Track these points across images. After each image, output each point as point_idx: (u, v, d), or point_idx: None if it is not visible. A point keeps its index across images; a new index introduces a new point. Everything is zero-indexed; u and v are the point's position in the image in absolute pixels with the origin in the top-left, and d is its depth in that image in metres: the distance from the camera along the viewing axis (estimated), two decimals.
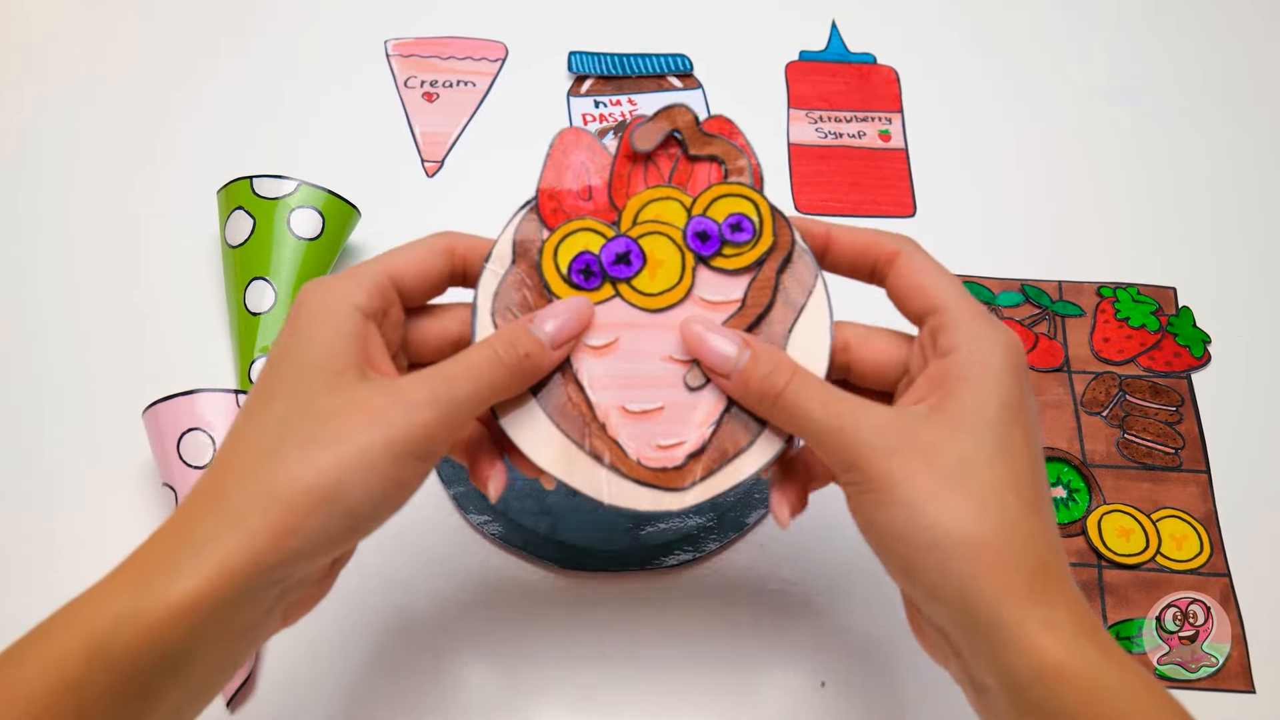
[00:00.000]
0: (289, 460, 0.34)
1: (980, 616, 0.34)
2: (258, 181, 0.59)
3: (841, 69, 0.75)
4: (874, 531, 0.36)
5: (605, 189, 0.40)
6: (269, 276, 0.58)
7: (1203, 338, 0.62)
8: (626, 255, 0.39)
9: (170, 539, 0.34)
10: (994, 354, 0.36)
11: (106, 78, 0.73)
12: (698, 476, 0.39)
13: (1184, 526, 0.55)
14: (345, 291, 0.37)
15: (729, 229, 0.40)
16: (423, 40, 0.75)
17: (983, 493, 0.34)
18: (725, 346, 0.38)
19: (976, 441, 0.35)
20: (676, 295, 0.40)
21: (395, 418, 0.35)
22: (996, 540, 0.34)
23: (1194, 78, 0.75)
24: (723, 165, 0.41)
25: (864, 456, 0.35)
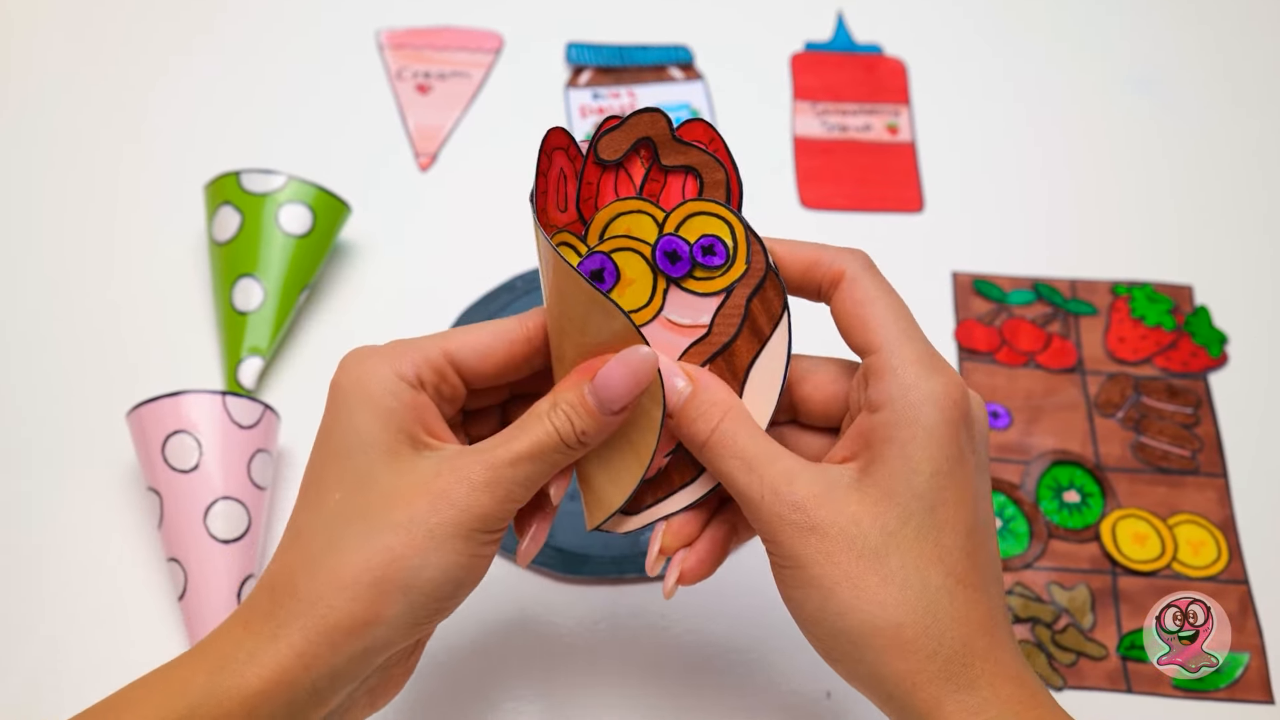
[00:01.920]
0: (357, 546, 0.35)
1: (896, 704, 0.34)
2: (245, 176, 0.59)
3: (848, 60, 0.75)
4: (790, 606, 0.36)
5: (574, 198, 0.39)
6: (257, 274, 0.58)
7: (1220, 337, 0.62)
8: (600, 272, 0.38)
9: (242, 628, 0.35)
10: (925, 410, 0.35)
11: (88, 69, 0.73)
12: (646, 503, 0.39)
13: (1201, 532, 0.56)
14: (385, 360, 0.37)
15: (700, 251, 0.38)
16: (416, 30, 0.75)
17: (903, 575, 0.34)
18: (672, 380, 0.37)
19: (901, 517, 0.34)
20: (645, 316, 0.38)
21: (459, 499, 0.35)
22: (912, 628, 0.33)
23: (1214, 67, 0.75)
24: (699, 177, 0.38)
25: (782, 533, 0.34)
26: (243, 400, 0.52)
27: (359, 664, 0.35)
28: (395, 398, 0.36)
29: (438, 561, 0.35)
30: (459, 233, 0.66)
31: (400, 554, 0.34)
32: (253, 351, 0.58)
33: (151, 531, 0.53)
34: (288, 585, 0.35)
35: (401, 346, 0.38)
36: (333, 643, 0.34)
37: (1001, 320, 0.63)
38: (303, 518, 0.36)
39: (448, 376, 0.38)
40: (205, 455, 0.50)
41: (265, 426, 0.52)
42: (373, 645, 0.35)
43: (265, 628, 0.35)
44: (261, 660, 0.34)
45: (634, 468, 0.38)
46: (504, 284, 0.62)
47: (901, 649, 0.33)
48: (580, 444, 0.37)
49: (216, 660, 0.34)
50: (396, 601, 0.35)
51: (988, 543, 0.36)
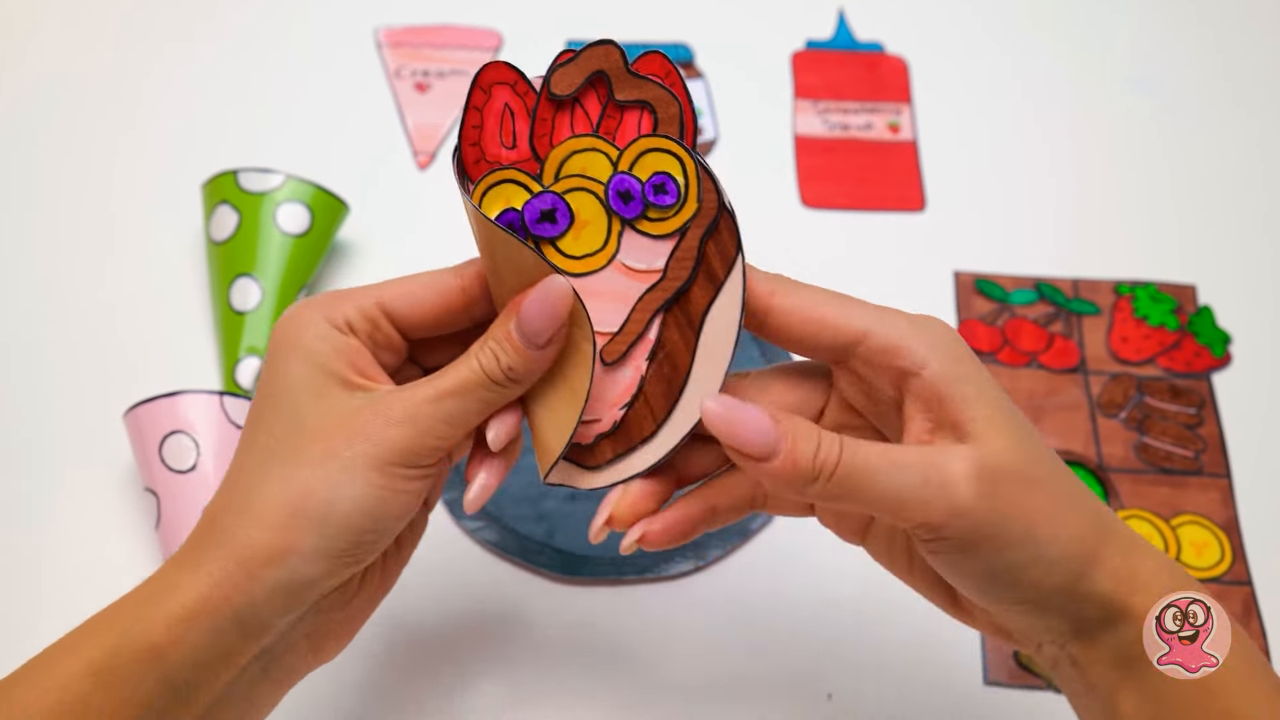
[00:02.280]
0: (274, 481, 0.35)
1: (1099, 603, 0.35)
2: (243, 175, 0.59)
3: (849, 58, 0.75)
4: (991, 573, 0.35)
5: (527, 135, 0.37)
6: (255, 273, 0.58)
7: (1224, 337, 0.62)
8: (552, 213, 0.37)
9: (171, 565, 0.36)
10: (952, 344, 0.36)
11: (82, 65, 0.73)
12: (607, 458, 0.38)
13: (1204, 533, 0.56)
14: (318, 308, 0.38)
15: (652, 190, 0.37)
16: (414, 28, 0.75)
17: (1064, 486, 0.35)
18: (760, 434, 0.34)
19: (1023, 438, 0.35)
20: (601, 260, 0.38)
21: (373, 432, 0.35)
22: (1089, 524, 0.35)
23: (1216, 66, 0.76)
24: (654, 113, 0.37)
25: (970, 509, 0.33)
26: (240, 400, 0.52)
27: (281, 597, 0.35)
28: (324, 341, 0.37)
29: (350, 494, 0.35)
30: (458, 232, 0.66)
31: (313, 486, 0.35)
32: (250, 351, 0.58)
33: (149, 533, 0.53)
34: (212, 521, 0.36)
35: (333, 296, 0.39)
36: (249, 572, 0.35)
37: (1004, 320, 0.63)
38: (235, 461, 0.37)
39: (380, 325, 0.39)
40: (203, 456, 0.50)
41: None
42: (292, 579, 0.35)
43: (189, 560, 0.36)
44: (183, 589, 0.35)
45: (572, 405, 0.38)
46: None
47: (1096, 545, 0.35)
48: (510, 380, 0.37)
49: (144, 594, 0.36)
50: (310, 532, 0.35)
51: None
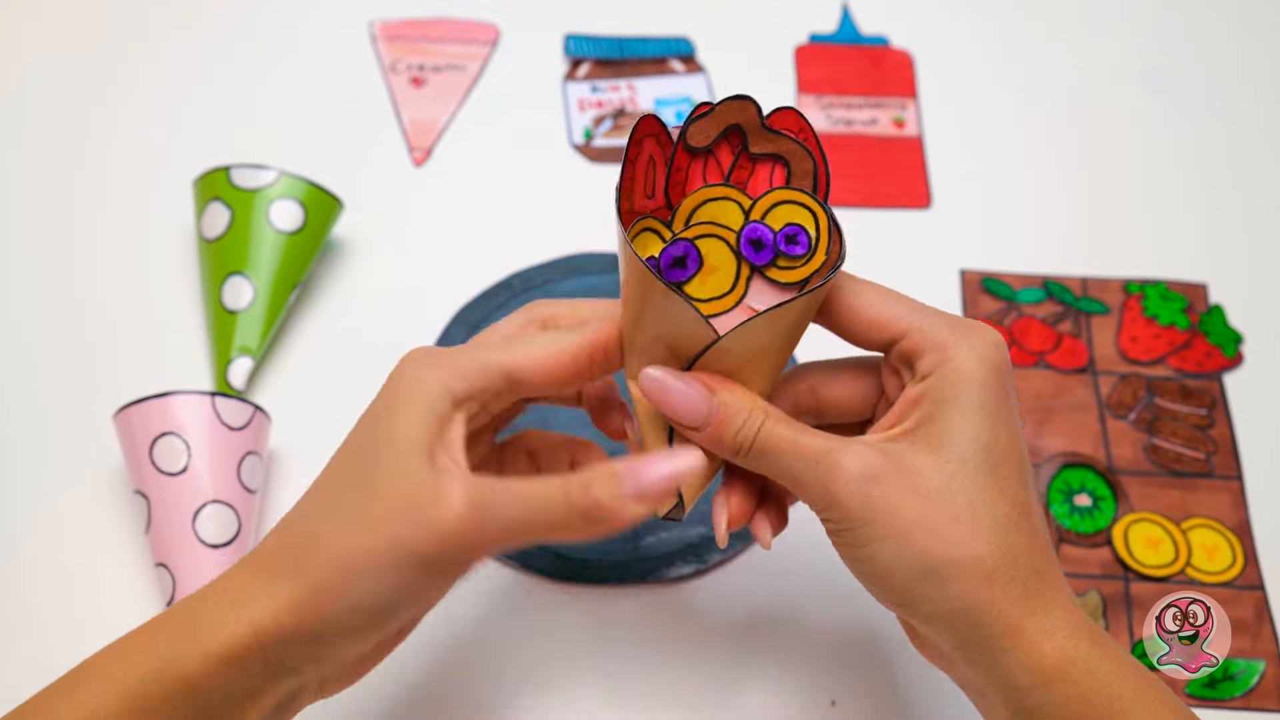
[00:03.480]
0: (329, 535, 0.35)
1: (980, 633, 0.36)
2: (235, 171, 0.59)
3: (853, 52, 0.75)
4: (863, 566, 0.37)
5: (663, 185, 0.40)
6: (247, 272, 0.58)
7: (1235, 337, 0.62)
8: (684, 259, 0.39)
9: (215, 592, 0.36)
10: (974, 364, 0.37)
11: (71, 58, 0.73)
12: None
13: (1215, 536, 0.56)
14: (440, 371, 0.37)
15: (784, 240, 0.39)
16: (410, 22, 0.75)
17: (973, 509, 0.36)
18: (693, 401, 0.38)
19: (961, 458, 0.36)
20: (728, 303, 0.39)
21: (435, 519, 0.34)
22: (991, 557, 0.36)
23: (1228, 60, 0.76)
24: (786, 166, 0.40)
25: (844, 492, 0.36)
26: (232, 401, 0.52)
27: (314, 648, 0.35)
28: (432, 411, 0.37)
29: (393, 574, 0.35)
30: (454, 229, 0.66)
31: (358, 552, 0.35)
32: (243, 351, 0.58)
33: (139, 536, 0.53)
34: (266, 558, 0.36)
35: (461, 361, 0.38)
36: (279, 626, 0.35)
37: (1011, 319, 0.63)
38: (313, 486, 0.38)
39: (501, 395, 0.39)
40: (194, 458, 0.50)
41: (255, 428, 0.52)
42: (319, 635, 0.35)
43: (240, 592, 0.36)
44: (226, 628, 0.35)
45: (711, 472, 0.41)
46: (500, 282, 0.62)
47: (985, 578, 0.35)
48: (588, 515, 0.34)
49: (183, 623, 0.36)
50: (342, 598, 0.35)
51: (1033, 479, 0.39)
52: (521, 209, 0.67)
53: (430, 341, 0.60)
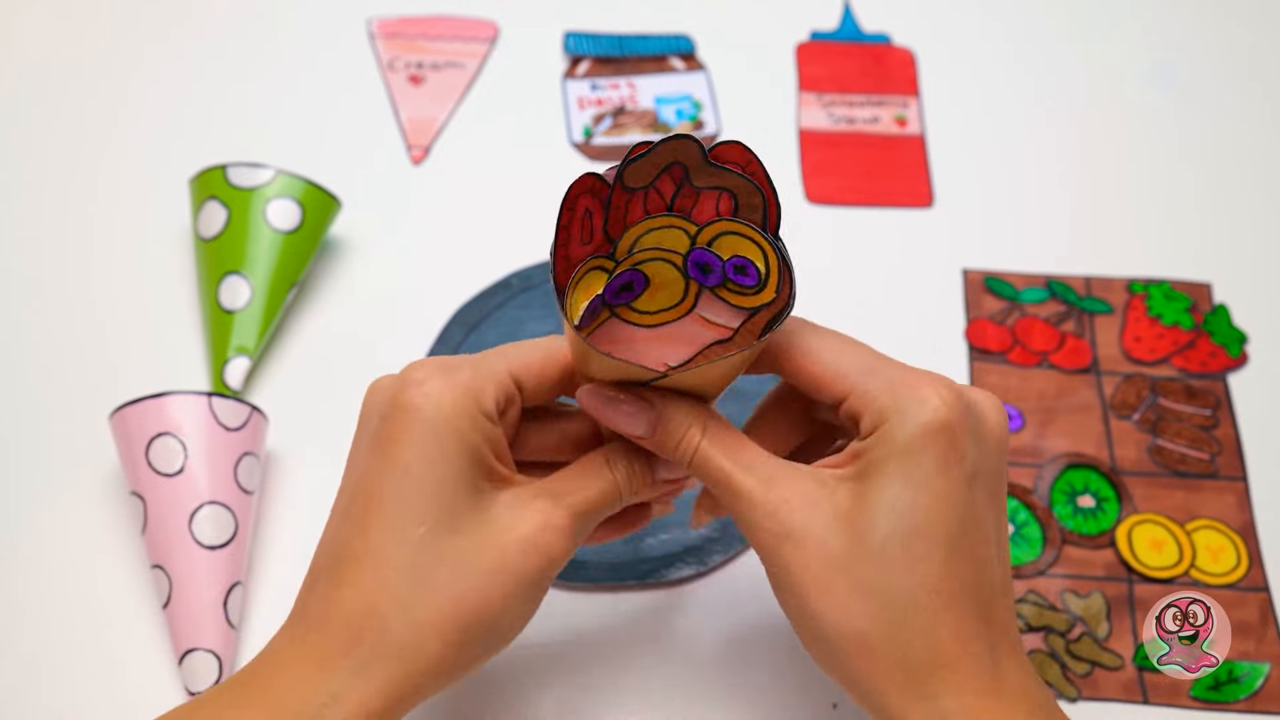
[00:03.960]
0: (448, 588, 0.36)
1: (872, 707, 0.37)
2: (232, 170, 0.59)
3: (855, 50, 0.75)
4: (780, 606, 0.39)
5: (602, 225, 0.37)
6: (244, 271, 0.58)
7: (1240, 337, 0.62)
8: (630, 284, 0.37)
9: (315, 666, 0.35)
10: (909, 431, 0.36)
11: (66, 55, 0.73)
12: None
13: (1220, 538, 0.55)
14: (464, 387, 0.37)
15: (732, 269, 0.37)
16: (408, 19, 0.75)
17: (870, 584, 0.35)
18: (632, 422, 0.38)
19: (872, 525, 0.35)
20: (679, 313, 0.38)
21: (546, 546, 0.37)
22: (876, 637, 0.35)
23: (1235, 56, 0.75)
24: (734, 197, 0.37)
25: (761, 539, 0.37)
26: (229, 402, 0.52)
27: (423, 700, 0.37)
28: (478, 431, 0.37)
29: (521, 608, 0.38)
30: (453, 229, 0.66)
31: (492, 598, 0.36)
32: (239, 351, 0.58)
33: (134, 537, 0.53)
34: (374, 622, 0.35)
35: (477, 372, 0.38)
36: (417, 686, 0.36)
37: (1014, 319, 0.63)
38: (387, 546, 0.36)
39: (515, 402, 0.40)
40: (190, 458, 0.50)
41: (253, 429, 0.52)
42: (447, 685, 0.37)
43: (345, 665, 0.35)
44: (350, 701, 0.34)
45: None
46: (499, 281, 0.62)
47: (868, 656, 0.35)
48: (632, 495, 0.40)
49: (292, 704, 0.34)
50: (480, 644, 0.37)
51: (977, 549, 0.36)
52: (521, 208, 0.66)
53: (428, 341, 0.60)
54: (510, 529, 0.37)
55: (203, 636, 0.49)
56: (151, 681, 0.50)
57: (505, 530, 0.37)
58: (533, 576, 0.37)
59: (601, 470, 0.39)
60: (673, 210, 0.37)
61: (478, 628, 0.36)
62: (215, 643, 0.49)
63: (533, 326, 0.61)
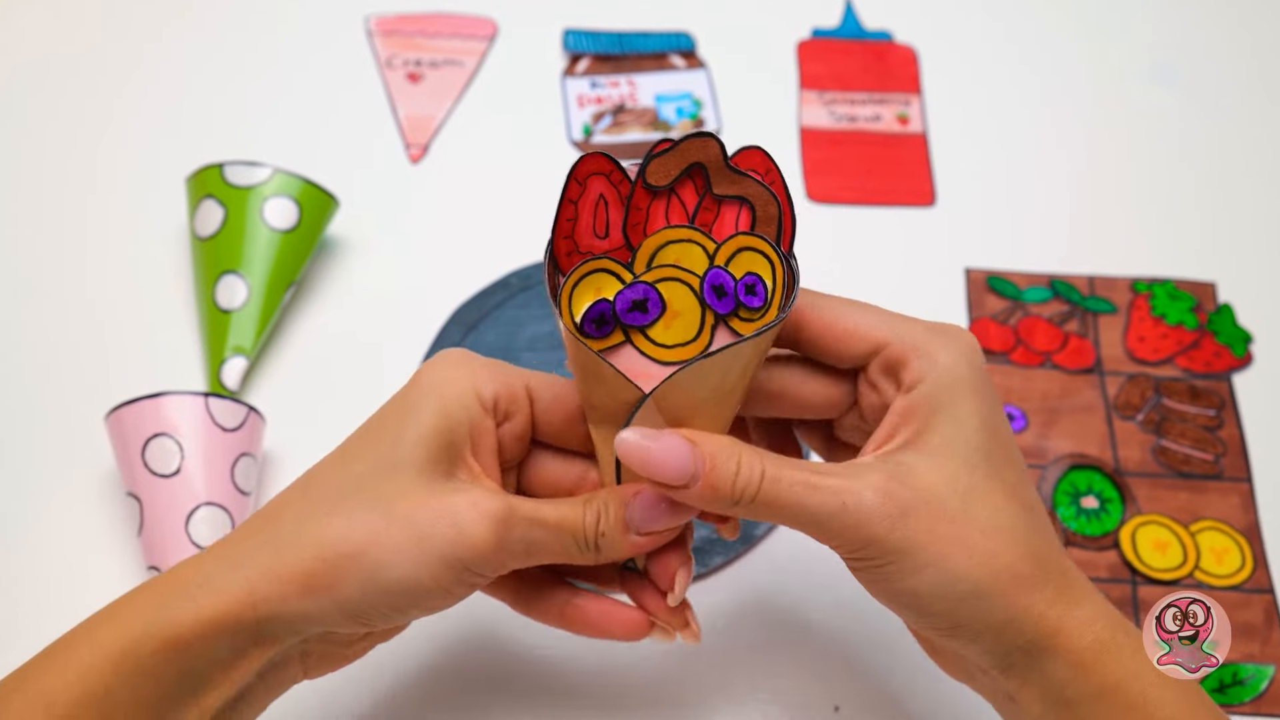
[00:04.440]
0: (347, 518, 0.36)
1: (1025, 640, 0.36)
2: (229, 169, 0.59)
3: (857, 47, 0.75)
4: (902, 598, 0.37)
5: (620, 224, 0.38)
6: (241, 270, 0.58)
7: (1244, 336, 0.62)
8: (644, 302, 0.37)
9: (213, 556, 0.37)
10: (962, 368, 0.37)
11: (62, 52, 0.73)
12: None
13: (1224, 539, 0.55)
14: (475, 375, 0.39)
15: (744, 290, 0.37)
16: (406, 16, 0.75)
17: (994, 521, 0.36)
18: (678, 459, 0.35)
19: (970, 467, 0.37)
20: (692, 351, 0.37)
21: (462, 521, 0.36)
22: (1023, 562, 0.36)
23: (1239, 53, 0.75)
24: (752, 209, 0.38)
25: (876, 530, 0.35)
26: (226, 402, 0.52)
27: (301, 624, 0.37)
28: (465, 412, 0.38)
29: (411, 572, 0.36)
30: (451, 228, 0.66)
31: (382, 543, 0.36)
32: (237, 351, 0.57)
33: (131, 539, 0.53)
34: (272, 520, 0.37)
35: (492, 366, 0.40)
36: (283, 595, 0.36)
37: (1017, 319, 0.63)
38: (327, 469, 0.38)
39: (522, 411, 0.40)
40: (187, 459, 0.50)
41: (249, 429, 0.52)
42: (313, 614, 0.36)
43: (232, 553, 0.37)
44: (217, 588, 0.36)
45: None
46: (498, 281, 0.62)
47: (1022, 586, 0.36)
48: (594, 548, 0.38)
49: (174, 582, 0.37)
50: (352, 583, 0.36)
51: (1025, 468, 0.39)
52: (520, 207, 0.66)
53: (427, 340, 0.60)
54: (437, 495, 0.37)
55: None
56: None
57: (432, 494, 0.37)
58: (435, 547, 0.36)
59: (573, 502, 0.38)
60: (694, 224, 0.38)
61: (356, 565, 0.36)
62: None
63: (532, 327, 0.61)
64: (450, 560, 0.36)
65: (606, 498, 0.39)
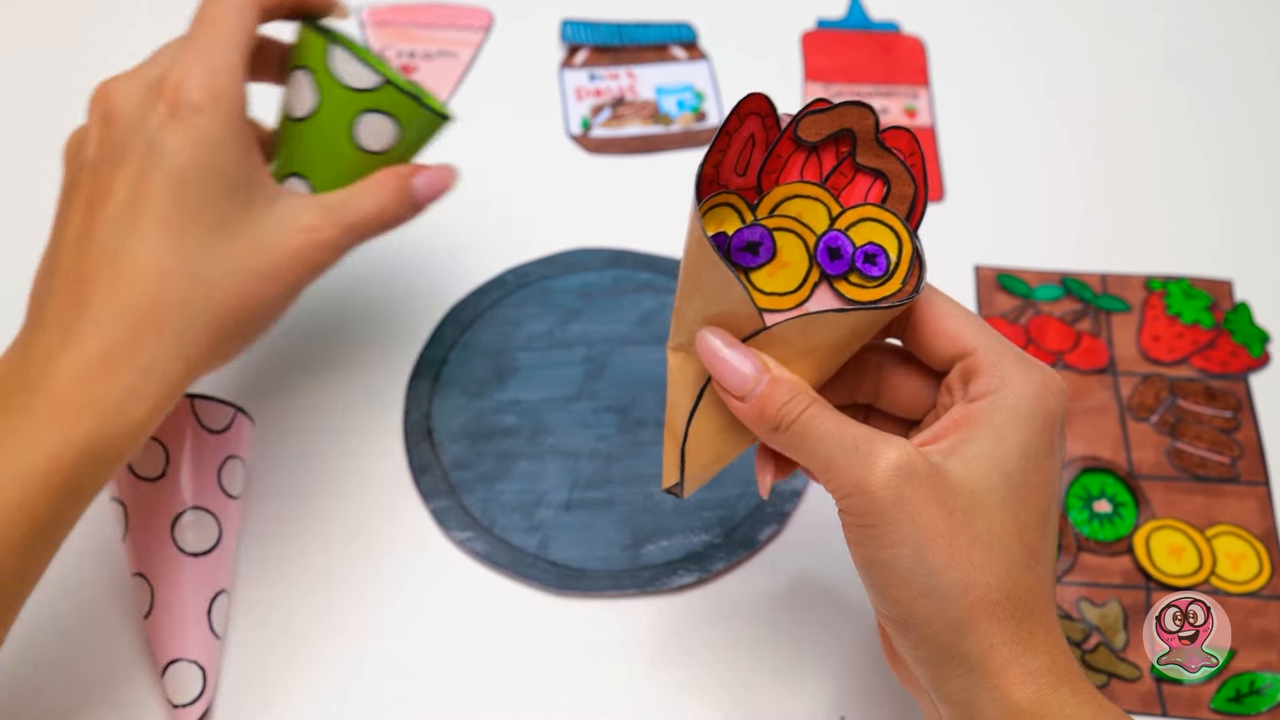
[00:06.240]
0: (224, 289, 0.42)
1: (965, 662, 0.37)
2: (338, 56, 0.48)
3: (863, 39, 0.75)
4: (875, 571, 0.38)
5: (759, 167, 0.40)
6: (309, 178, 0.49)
7: (1262, 336, 0.62)
8: (757, 245, 0.39)
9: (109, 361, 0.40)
10: (1025, 399, 0.38)
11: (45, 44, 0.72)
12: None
13: (1241, 544, 0.55)
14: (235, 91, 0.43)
15: (862, 257, 0.40)
16: (399, 7, 0.75)
17: (989, 539, 0.37)
18: (743, 367, 0.38)
19: (989, 487, 0.37)
20: (789, 303, 0.40)
21: (310, 256, 0.44)
22: (998, 589, 0.37)
23: (1256, 45, 0.75)
24: (887, 184, 0.40)
25: (877, 482, 0.37)
26: (212, 403, 0.51)
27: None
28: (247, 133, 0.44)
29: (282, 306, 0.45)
30: (446, 224, 0.66)
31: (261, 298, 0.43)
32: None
33: (114, 544, 0.53)
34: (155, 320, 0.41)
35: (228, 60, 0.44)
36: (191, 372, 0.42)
37: (1028, 317, 0.62)
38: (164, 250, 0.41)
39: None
40: (172, 462, 0.50)
41: (237, 431, 0.52)
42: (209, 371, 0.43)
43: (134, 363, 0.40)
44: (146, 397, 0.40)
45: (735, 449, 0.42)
46: (495, 278, 0.62)
47: (987, 608, 0.36)
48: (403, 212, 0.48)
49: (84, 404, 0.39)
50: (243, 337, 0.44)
51: (1054, 531, 0.40)
52: (516, 202, 0.66)
53: (421, 340, 0.60)
54: (283, 239, 0.43)
55: (186, 647, 0.48)
56: (133, 694, 0.49)
57: (278, 240, 0.43)
58: (297, 283, 0.44)
59: (372, 193, 0.46)
60: (825, 184, 0.40)
61: (245, 323, 0.43)
62: (199, 653, 0.48)
63: (529, 326, 0.61)
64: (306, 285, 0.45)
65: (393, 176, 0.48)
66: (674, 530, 0.54)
